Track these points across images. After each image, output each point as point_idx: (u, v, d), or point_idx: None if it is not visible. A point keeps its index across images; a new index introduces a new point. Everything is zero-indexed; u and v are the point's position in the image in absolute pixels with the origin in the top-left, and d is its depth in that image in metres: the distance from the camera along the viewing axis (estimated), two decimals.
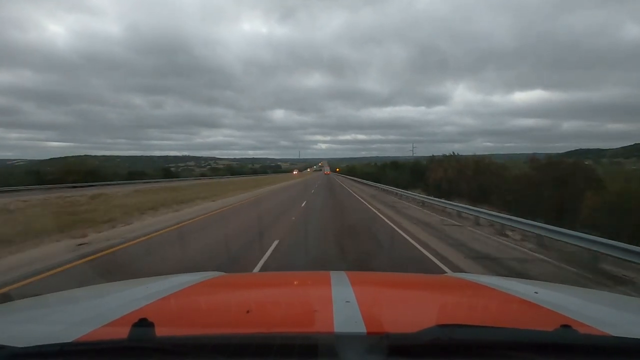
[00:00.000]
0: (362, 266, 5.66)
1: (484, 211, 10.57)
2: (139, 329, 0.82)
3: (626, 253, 5.26)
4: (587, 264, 5.91)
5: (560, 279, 5.15)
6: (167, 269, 5.19)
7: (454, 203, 14.00)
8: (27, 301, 1.43)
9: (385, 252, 6.91)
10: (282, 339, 0.82)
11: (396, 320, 1.12)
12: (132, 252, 6.66)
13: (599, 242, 5.75)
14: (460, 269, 5.62)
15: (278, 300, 1.50)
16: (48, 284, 4.69)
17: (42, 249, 6.59)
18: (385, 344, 0.78)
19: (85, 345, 0.84)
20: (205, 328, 1.06)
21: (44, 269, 5.29)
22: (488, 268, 5.80)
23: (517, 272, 5.59)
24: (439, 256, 6.50)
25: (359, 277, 1.95)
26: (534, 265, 6.11)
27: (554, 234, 7.00)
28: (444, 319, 0.91)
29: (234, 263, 5.90)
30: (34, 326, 1.06)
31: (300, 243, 7.44)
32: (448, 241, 7.97)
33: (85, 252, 6.45)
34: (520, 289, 1.55)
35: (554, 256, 6.69)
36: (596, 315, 1.13)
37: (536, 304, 1.27)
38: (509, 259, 6.46)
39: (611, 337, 0.91)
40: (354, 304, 1.14)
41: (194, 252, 6.64)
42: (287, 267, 5.63)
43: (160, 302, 1.30)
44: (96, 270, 5.49)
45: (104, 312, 1.13)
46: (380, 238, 8.36)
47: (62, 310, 1.26)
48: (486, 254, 6.78)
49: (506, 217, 9.11)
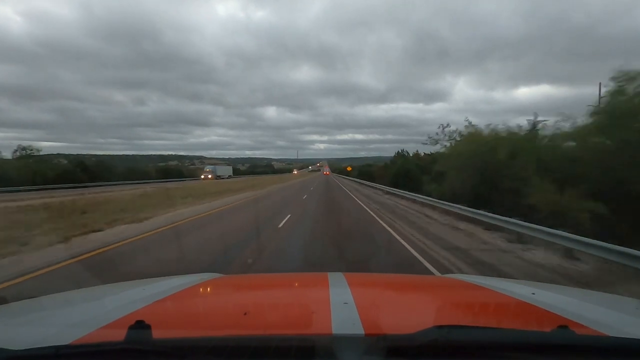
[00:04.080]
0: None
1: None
2: (135, 331, 0.82)
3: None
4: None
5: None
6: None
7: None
8: (23, 303, 1.42)
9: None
10: (280, 341, 0.81)
11: (394, 321, 1.12)
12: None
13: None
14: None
15: (276, 301, 1.50)
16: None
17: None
18: (383, 345, 0.78)
19: (81, 348, 0.84)
20: (203, 330, 1.06)
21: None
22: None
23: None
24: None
25: (356, 279, 1.95)
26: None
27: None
28: (441, 320, 0.91)
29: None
30: (30, 329, 1.05)
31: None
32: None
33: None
34: (518, 289, 1.56)
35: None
36: (593, 316, 1.13)
37: (534, 305, 1.28)
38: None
39: (608, 337, 0.91)
40: (352, 305, 1.14)
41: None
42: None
43: (157, 304, 1.29)
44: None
45: (100, 314, 1.13)
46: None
47: (58, 313, 1.26)
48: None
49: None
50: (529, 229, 7.32)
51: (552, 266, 5.95)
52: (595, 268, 5.78)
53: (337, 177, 78.13)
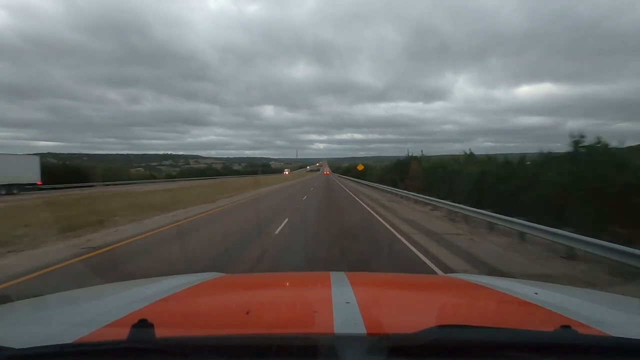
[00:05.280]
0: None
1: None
2: (138, 330, 0.82)
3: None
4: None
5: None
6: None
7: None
8: (26, 302, 1.43)
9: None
10: (282, 340, 0.82)
11: (396, 321, 1.12)
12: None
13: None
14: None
15: (278, 301, 1.50)
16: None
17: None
18: (385, 345, 0.77)
19: (84, 347, 0.84)
20: (205, 329, 1.06)
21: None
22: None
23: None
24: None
25: (358, 278, 1.95)
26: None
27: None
28: (444, 320, 0.91)
29: None
30: (33, 327, 1.05)
31: None
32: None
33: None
34: (520, 289, 1.55)
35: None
36: (596, 315, 1.13)
37: (536, 305, 1.27)
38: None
39: (611, 337, 0.91)
40: (354, 304, 1.14)
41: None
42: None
43: (160, 303, 1.30)
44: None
45: (103, 313, 1.13)
46: None
47: (61, 312, 1.26)
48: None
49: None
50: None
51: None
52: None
53: (341, 180, 58.80)
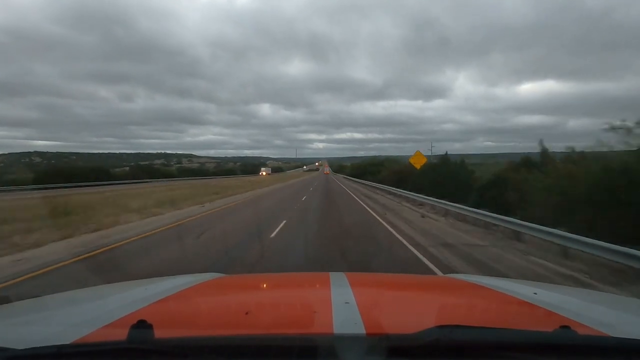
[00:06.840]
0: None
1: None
2: (137, 331, 0.82)
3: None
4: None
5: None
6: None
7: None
8: (26, 303, 1.42)
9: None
10: (281, 341, 0.82)
11: (396, 321, 1.12)
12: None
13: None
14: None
15: (277, 301, 1.50)
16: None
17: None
18: (384, 345, 0.77)
19: (83, 347, 0.84)
20: (205, 330, 1.06)
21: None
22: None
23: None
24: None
25: (358, 278, 1.95)
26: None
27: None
28: (443, 320, 0.91)
29: None
30: (32, 328, 1.05)
31: None
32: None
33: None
34: (520, 289, 1.55)
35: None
36: (595, 316, 1.13)
37: (535, 305, 1.27)
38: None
39: (610, 337, 0.91)
40: (354, 305, 1.14)
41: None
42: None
43: (159, 304, 1.30)
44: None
45: (102, 313, 1.13)
46: None
47: (60, 312, 1.26)
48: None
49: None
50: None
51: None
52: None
53: (347, 184, 43.60)
